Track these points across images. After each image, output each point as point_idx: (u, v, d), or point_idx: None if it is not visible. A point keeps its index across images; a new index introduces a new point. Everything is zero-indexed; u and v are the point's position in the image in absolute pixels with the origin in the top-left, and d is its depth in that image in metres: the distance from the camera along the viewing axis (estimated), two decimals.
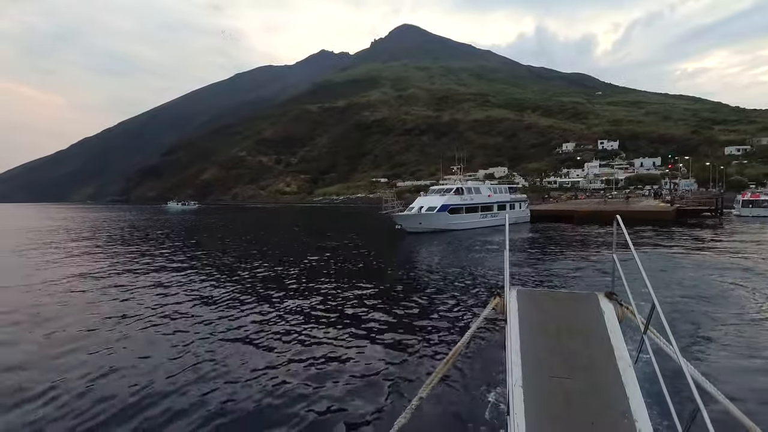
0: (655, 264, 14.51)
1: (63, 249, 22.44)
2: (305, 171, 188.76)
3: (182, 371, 6.27)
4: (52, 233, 33.63)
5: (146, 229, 38.11)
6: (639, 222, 29.85)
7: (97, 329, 8.42)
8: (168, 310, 9.78)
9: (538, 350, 2.68)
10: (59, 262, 17.58)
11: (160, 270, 15.22)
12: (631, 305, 3.03)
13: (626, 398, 2.29)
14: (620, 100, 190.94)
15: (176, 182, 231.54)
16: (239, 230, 35.17)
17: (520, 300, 3.23)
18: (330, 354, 6.88)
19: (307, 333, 7.99)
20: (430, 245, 22.06)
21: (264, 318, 9.04)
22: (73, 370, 6.42)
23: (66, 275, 14.38)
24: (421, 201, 29.79)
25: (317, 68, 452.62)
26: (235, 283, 12.83)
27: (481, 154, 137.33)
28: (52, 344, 7.61)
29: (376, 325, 8.41)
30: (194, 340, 7.62)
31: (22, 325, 8.83)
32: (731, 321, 8.27)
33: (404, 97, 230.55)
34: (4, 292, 12.14)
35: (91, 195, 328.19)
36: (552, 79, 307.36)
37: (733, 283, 11.53)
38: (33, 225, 45.58)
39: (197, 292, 11.50)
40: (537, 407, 2.26)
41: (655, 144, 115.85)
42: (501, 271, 13.44)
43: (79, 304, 10.44)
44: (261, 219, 57.91)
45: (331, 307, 9.89)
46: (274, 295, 11.19)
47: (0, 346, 7.59)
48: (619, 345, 2.69)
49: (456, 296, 10.72)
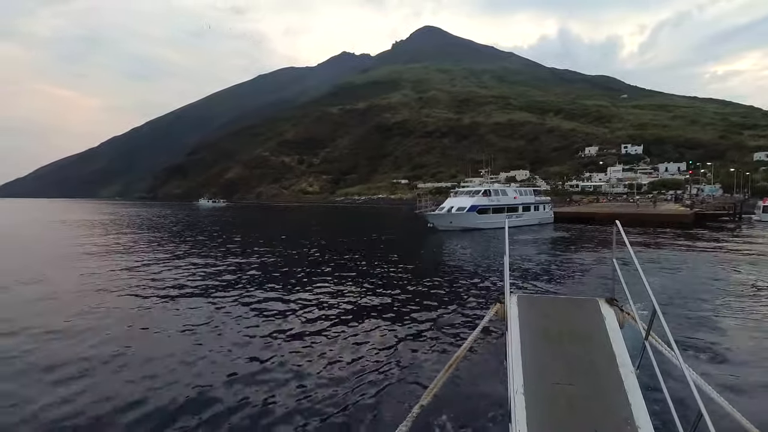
0: (663, 262, 15.84)
1: (146, 239, 25.77)
2: (327, 171, 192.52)
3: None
4: (119, 225, 37.42)
5: (197, 224, 41.65)
6: (659, 224, 31.53)
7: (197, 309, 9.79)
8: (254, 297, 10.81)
9: (539, 357, 2.69)
10: (156, 250, 20.71)
11: (237, 257, 18.05)
12: (632, 311, 3.06)
13: (628, 404, 2.27)
14: (646, 104, 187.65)
15: (201, 181, 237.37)
16: (282, 227, 38.26)
17: (521, 306, 3.25)
18: (332, 356, 6.92)
19: (313, 331, 8.14)
20: (459, 242, 24.38)
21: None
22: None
23: (164, 260, 17.35)
24: (451, 201, 32.18)
25: (338, 70, 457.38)
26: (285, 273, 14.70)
27: (503, 157, 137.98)
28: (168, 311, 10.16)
29: (380, 327, 8.49)
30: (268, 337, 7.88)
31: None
32: (736, 324, 8.26)
33: (425, 99, 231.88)
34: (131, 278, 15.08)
35: (119, 192, 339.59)
36: (575, 81, 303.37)
37: (740, 284, 11.70)
38: (91, 218, 49.90)
39: (276, 289, 12.09)
40: (539, 414, 2.25)
41: (680, 149, 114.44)
42: (519, 269, 14.69)
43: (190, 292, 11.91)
44: (294, 217, 60.51)
45: (355, 306, 10.07)
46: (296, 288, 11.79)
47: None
48: (620, 351, 2.69)
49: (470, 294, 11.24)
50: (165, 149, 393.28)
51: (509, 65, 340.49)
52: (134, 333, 8.14)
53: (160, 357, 6.81)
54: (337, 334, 8.02)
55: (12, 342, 7.56)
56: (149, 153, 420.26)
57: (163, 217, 53.46)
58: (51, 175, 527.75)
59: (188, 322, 8.70)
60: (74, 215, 58.40)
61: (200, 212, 72.42)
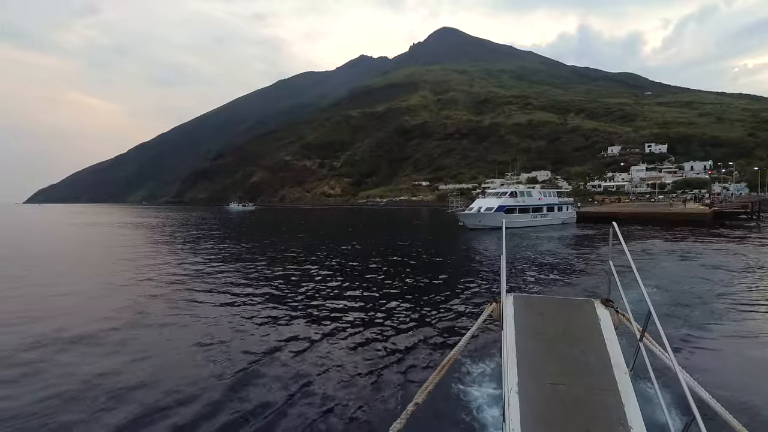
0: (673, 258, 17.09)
1: (206, 239, 29.22)
2: (348, 174, 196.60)
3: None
4: (168, 227, 41.31)
5: (240, 226, 45.28)
6: (678, 223, 33.29)
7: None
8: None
9: (534, 357, 2.70)
10: (223, 249, 23.97)
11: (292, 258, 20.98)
12: (627, 312, 3.06)
13: (622, 405, 2.29)
14: (671, 101, 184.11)
15: (227, 185, 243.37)
16: (314, 228, 41.39)
17: (517, 306, 3.25)
18: (328, 355, 6.97)
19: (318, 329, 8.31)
20: (488, 239, 26.83)
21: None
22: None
23: (232, 259, 20.42)
24: (479, 202, 34.78)
25: (357, 73, 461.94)
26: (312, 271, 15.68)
27: (524, 157, 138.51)
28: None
29: (379, 326, 8.62)
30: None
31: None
32: (730, 325, 8.36)
33: (444, 100, 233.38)
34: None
35: (146, 197, 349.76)
36: (597, 79, 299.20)
37: (739, 284, 11.92)
38: (147, 221, 54.33)
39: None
40: (533, 413, 2.26)
41: (707, 147, 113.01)
42: (536, 264, 15.24)
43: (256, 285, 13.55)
44: (322, 219, 62.96)
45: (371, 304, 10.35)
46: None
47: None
48: (615, 352, 2.72)
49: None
50: (190, 154, 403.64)
51: (528, 64, 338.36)
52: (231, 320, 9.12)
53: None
54: (338, 331, 8.22)
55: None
56: (175, 158, 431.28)
57: (207, 220, 57.14)
58: (83, 180, 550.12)
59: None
60: (128, 218, 62.58)
61: (234, 215, 75.09)
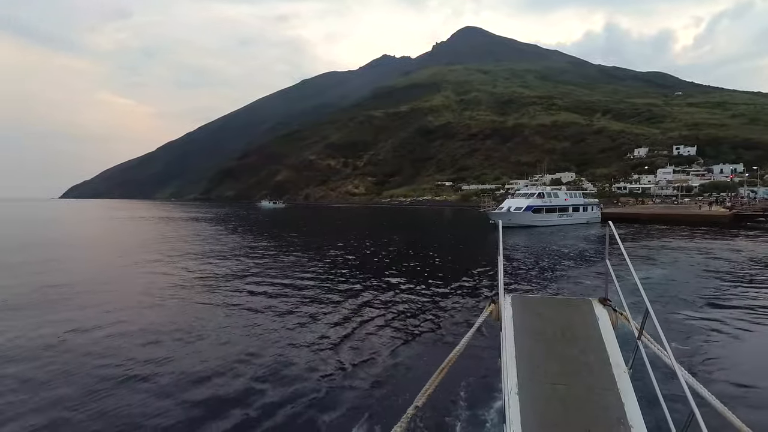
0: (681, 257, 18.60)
1: (262, 234, 32.78)
2: (371, 174, 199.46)
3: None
4: (221, 221, 45.34)
5: (284, 223, 49.11)
6: (698, 224, 35.15)
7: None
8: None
9: (533, 357, 2.72)
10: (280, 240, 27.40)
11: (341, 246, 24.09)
12: (625, 311, 3.14)
13: (622, 404, 2.30)
14: (702, 101, 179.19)
15: (252, 183, 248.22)
16: (348, 225, 44.74)
17: (515, 307, 3.30)
18: (329, 354, 7.10)
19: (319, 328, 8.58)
20: (517, 237, 29.52)
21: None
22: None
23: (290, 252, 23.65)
24: (509, 202, 37.60)
25: (379, 73, 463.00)
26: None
27: (548, 158, 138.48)
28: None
29: (377, 323, 8.95)
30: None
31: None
32: (728, 323, 8.51)
33: (467, 101, 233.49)
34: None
35: (173, 194, 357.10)
36: (625, 79, 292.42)
37: (740, 281, 12.47)
38: (192, 215, 58.97)
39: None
40: (533, 414, 2.27)
41: (738, 149, 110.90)
42: (564, 259, 16.42)
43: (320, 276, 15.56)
44: (352, 217, 66.16)
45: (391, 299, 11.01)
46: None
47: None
48: (613, 351, 2.74)
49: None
50: (216, 153, 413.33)
51: (553, 64, 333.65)
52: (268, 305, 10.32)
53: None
54: (337, 330, 8.47)
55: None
56: (200, 157, 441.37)
57: (245, 216, 61.47)
58: (114, 178, 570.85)
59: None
60: (170, 214, 67.75)
61: (266, 212, 78.62)
